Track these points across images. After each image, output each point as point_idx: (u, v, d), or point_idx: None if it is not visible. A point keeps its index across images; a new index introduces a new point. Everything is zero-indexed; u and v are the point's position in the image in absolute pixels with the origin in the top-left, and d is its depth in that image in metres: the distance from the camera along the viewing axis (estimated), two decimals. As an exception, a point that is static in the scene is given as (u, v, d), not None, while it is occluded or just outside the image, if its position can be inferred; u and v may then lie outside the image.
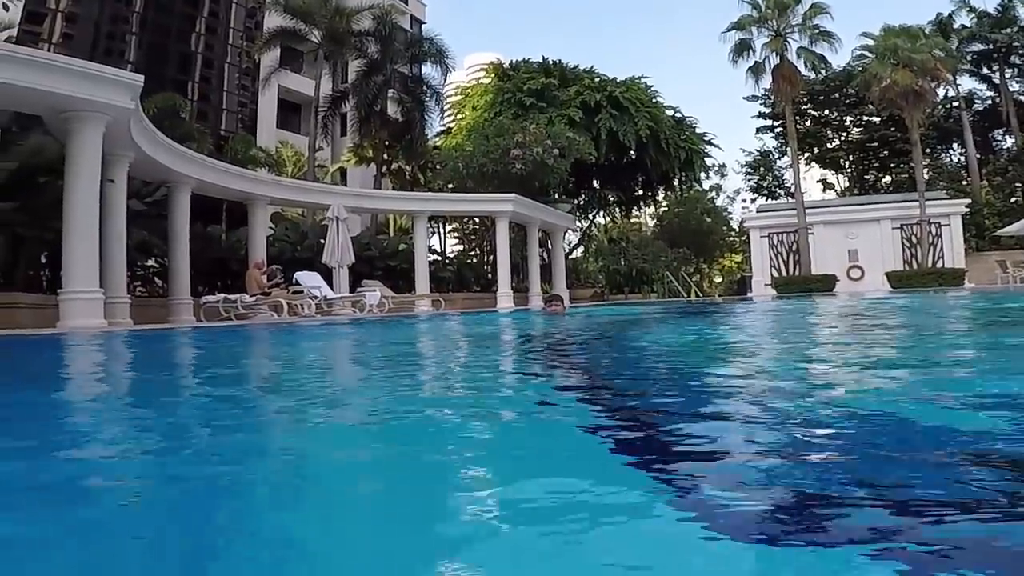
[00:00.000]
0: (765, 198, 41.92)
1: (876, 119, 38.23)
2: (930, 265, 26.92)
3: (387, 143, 28.80)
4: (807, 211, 28.96)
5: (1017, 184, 33.52)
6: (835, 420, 2.48)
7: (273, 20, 28.14)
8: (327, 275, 16.89)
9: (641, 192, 37.16)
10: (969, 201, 29.68)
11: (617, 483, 1.67)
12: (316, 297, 15.10)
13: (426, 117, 28.68)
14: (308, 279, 16.06)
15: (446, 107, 33.11)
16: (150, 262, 17.02)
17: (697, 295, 32.67)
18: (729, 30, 29.68)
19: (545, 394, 3.50)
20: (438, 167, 29.42)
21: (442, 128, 34.96)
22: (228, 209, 21.07)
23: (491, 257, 26.60)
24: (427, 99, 28.21)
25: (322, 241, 17.73)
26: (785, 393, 3.24)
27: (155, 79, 22.60)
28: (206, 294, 15.59)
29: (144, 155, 12.71)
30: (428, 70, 28.94)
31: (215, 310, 14.04)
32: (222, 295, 14.38)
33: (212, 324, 13.00)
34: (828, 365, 4.54)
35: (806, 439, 2.18)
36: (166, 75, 33.94)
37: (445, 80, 29.31)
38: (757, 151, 43.58)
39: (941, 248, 27.95)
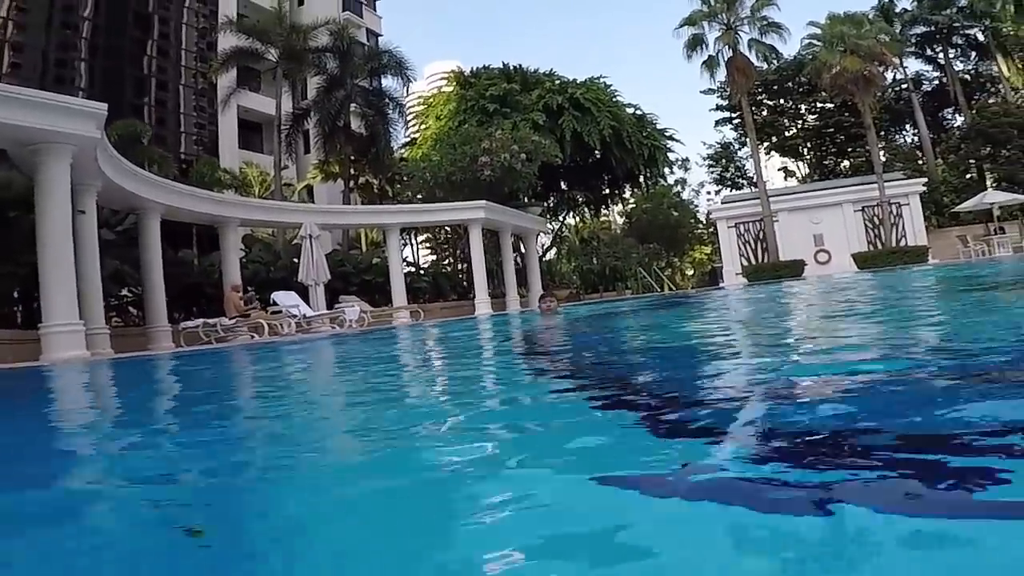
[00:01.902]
0: (729, 189, 42.65)
1: (830, 105, 39.04)
2: (894, 244, 27.60)
3: (353, 158, 28.69)
4: (771, 199, 29.55)
5: (971, 160, 34.53)
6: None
7: (228, 40, 27.79)
8: (303, 293, 16.81)
9: (608, 191, 37.64)
10: (926, 180, 30.44)
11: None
12: (295, 316, 15.02)
13: (390, 129, 28.69)
14: (285, 298, 15.97)
15: (409, 118, 33.16)
16: (124, 292, 16.73)
17: (670, 288, 33.05)
18: (681, 26, 30.22)
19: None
20: (406, 179, 29.37)
21: (407, 139, 34.97)
22: (198, 234, 20.82)
23: (465, 265, 26.64)
24: (390, 111, 28.21)
25: (295, 260, 17.62)
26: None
27: (110, 105, 22.19)
28: (183, 320, 15.42)
29: (111, 183, 12.55)
30: (389, 82, 28.98)
31: (195, 335, 13.89)
32: (201, 320, 14.24)
33: (194, 348, 12.85)
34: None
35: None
36: (122, 100, 33.27)
37: (407, 91, 29.40)
38: (718, 143, 44.36)
39: (903, 227, 28.64)
